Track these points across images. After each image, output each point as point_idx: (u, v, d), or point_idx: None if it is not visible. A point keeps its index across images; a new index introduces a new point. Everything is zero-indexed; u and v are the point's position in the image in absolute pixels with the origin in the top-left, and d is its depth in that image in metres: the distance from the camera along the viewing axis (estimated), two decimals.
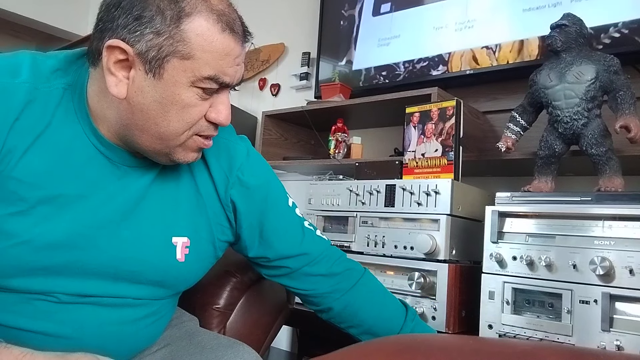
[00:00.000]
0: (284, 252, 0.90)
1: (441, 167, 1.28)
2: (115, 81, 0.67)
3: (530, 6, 1.58)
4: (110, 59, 0.66)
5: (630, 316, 0.92)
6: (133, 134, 0.70)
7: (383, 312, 0.96)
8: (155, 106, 0.68)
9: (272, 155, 2.08)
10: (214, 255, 0.88)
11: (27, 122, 0.68)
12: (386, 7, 1.96)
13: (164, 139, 0.70)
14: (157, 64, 0.66)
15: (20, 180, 0.67)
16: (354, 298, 0.94)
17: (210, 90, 0.69)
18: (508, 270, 1.06)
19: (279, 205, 0.91)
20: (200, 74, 0.67)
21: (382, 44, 1.95)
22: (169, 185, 0.80)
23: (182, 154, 0.73)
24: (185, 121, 0.70)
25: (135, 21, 0.65)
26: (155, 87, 0.67)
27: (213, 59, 0.67)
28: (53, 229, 0.69)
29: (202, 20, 0.66)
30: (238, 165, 0.85)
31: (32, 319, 0.70)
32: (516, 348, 0.38)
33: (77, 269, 0.71)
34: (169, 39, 0.65)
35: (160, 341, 0.88)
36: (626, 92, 1.09)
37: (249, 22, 0.75)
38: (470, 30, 1.70)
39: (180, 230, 0.80)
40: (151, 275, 0.78)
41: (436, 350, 0.39)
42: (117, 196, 0.74)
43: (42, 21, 2.80)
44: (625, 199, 0.98)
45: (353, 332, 0.97)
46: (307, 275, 0.92)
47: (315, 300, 0.95)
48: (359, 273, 0.97)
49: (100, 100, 0.71)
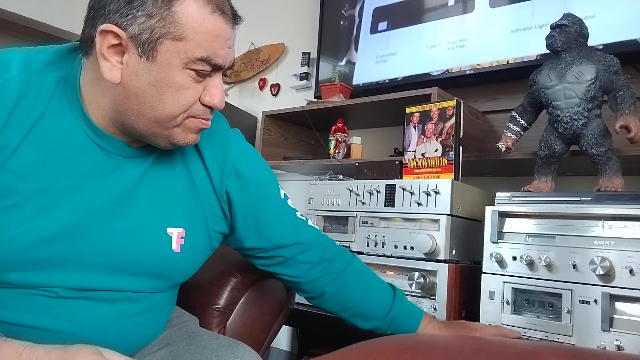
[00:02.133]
0: (279, 241, 0.92)
1: (441, 167, 1.28)
2: (109, 66, 0.67)
3: (518, 27, 1.63)
4: (103, 44, 0.67)
5: (630, 316, 0.92)
6: (129, 119, 0.71)
7: (372, 293, 0.98)
8: (150, 89, 0.68)
9: (272, 155, 2.08)
10: (210, 247, 0.88)
11: (21, 115, 0.69)
12: (383, 25, 2.02)
13: (160, 122, 0.71)
14: (150, 47, 0.66)
15: (14, 173, 0.68)
16: (344, 281, 0.96)
17: (203, 72, 0.70)
18: (508, 270, 1.06)
19: (273, 196, 0.92)
20: (192, 55, 0.68)
21: (380, 60, 2.00)
22: (163, 176, 0.80)
23: (181, 135, 0.74)
24: (180, 103, 0.70)
25: (126, 5, 0.65)
26: (150, 70, 0.67)
27: (205, 40, 0.68)
28: (48, 222, 0.69)
29: (192, 2, 0.67)
30: (233, 156, 0.86)
31: (30, 315, 0.71)
32: (516, 348, 0.38)
33: (74, 261, 0.72)
34: (160, 20, 0.66)
35: (160, 341, 0.88)
36: (626, 92, 1.09)
37: (249, 22, 0.76)
38: (462, 49, 1.76)
39: (176, 220, 0.81)
40: (147, 266, 0.78)
41: (436, 350, 0.39)
42: (111, 187, 0.75)
43: (42, 21, 2.80)
44: (625, 199, 0.98)
45: (344, 315, 0.99)
46: (300, 263, 0.94)
47: (307, 287, 0.97)
48: (348, 257, 1.00)
49: (94, 89, 0.71)
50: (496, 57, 1.66)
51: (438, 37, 1.82)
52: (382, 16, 2.01)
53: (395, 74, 1.93)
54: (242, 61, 2.69)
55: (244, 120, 2.47)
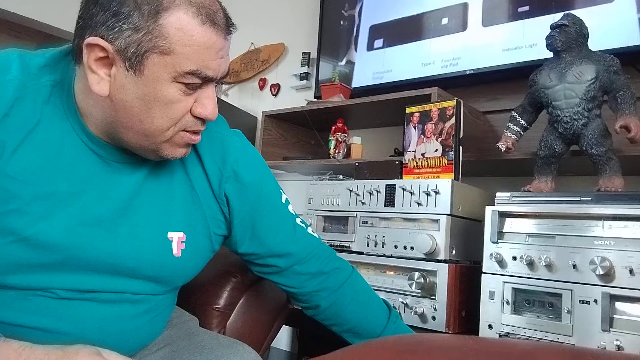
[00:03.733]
0: (274, 249, 0.90)
1: (441, 167, 1.28)
2: (96, 79, 0.66)
3: (509, 47, 1.65)
4: (90, 57, 0.65)
5: (630, 316, 0.92)
6: (119, 131, 0.70)
7: (367, 313, 0.97)
8: (138, 103, 0.67)
9: (272, 155, 2.08)
10: (211, 249, 0.88)
11: (17, 119, 0.68)
12: (379, 42, 2.04)
13: (149, 136, 0.70)
14: (137, 61, 0.65)
15: (13, 178, 0.67)
16: (341, 297, 0.95)
17: (193, 85, 0.68)
18: (508, 270, 1.06)
19: (272, 202, 0.91)
20: (181, 69, 0.66)
21: (377, 77, 2.02)
22: (162, 181, 0.80)
23: (169, 150, 0.73)
24: (169, 117, 0.69)
25: (113, 17, 0.64)
26: (137, 84, 0.66)
27: (194, 53, 0.66)
28: (50, 228, 0.69)
29: (180, 14, 0.65)
30: (233, 159, 0.85)
31: (31, 315, 0.70)
32: (516, 348, 0.38)
33: (75, 265, 0.72)
34: (147, 34, 0.64)
35: (160, 341, 0.88)
36: (626, 92, 1.09)
37: (250, 22, 0.75)
38: (455, 67, 1.78)
39: (176, 225, 0.80)
40: (148, 270, 0.78)
41: (436, 350, 0.39)
42: (110, 193, 0.74)
43: (42, 21, 2.80)
44: (625, 199, 0.98)
45: (336, 329, 0.98)
46: (296, 274, 0.92)
47: (303, 298, 0.96)
48: (347, 273, 0.97)
49: (86, 98, 0.71)
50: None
51: (432, 55, 1.85)
52: (378, 34, 2.05)
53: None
54: (242, 61, 2.69)
55: (244, 120, 2.47)
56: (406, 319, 1.12)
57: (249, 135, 2.47)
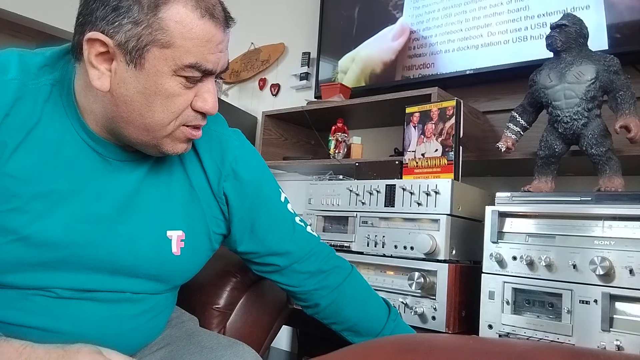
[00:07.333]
0: (273, 248, 0.90)
1: (441, 167, 1.28)
2: (97, 74, 0.67)
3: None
4: (91, 52, 0.66)
5: (630, 316, 0.92)
6: (119, 126, 0.70)
7: (367, 311, 0.97)
8: (138, 97, 0.67)
9: (272, 155, 2.08)
10: (210, 248, 0.88)
11: (17, 118, 0.68)
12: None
13: (150, 130, 0.70)
14: (138, 54, 0.65)
15: (13, 177, 0.68)
16: (340, 296, 0.95)
17: (193, 78, 0.69)
18: (508, 270, 1.06)
19: (272, 200, 0.91)
20: (181, 62, 0.66)
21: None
22: (161, 179, 0.80)
23: (170, 145, 0.73)
24: (170, 111, 0.69)
25: (113, 12, 0.64)
26: (138, 78, 0.66)
27: (194, 46, 0.66)
28: (49, 226, 0.69)
29: (180, 7, 0.65)
30: (231, 157, 0.85)
31: (31, 315, 0.71)
32: (516, 348, 0.38)
33: (75, 264, 0.72)
34: (147, 27, 0.64)
35: (160, 341, 0.88)
36: (626, 92, 1.09)
37: (250, 22, 0.75)
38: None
39: (175, 223, 0.80)
40: (147, 269, 0.78)
41: (436, 350, 0.39)
42: (110, 191, 0.74)
43: (42, 21, 2.80)
44: (625, 199, 0.98)
45: (336, 328, 0.98)
46: (296, 272, 0.93)
47: (302, 297, 0.96)
48: (347, 271, 0.97)
49: (87, 95, 0.71)
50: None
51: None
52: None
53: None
54: (242, 61, 2.69)
55: (244, 120, 2.47)
56: (406, 319, 1.12)
57: (249, 135, 2.47)
